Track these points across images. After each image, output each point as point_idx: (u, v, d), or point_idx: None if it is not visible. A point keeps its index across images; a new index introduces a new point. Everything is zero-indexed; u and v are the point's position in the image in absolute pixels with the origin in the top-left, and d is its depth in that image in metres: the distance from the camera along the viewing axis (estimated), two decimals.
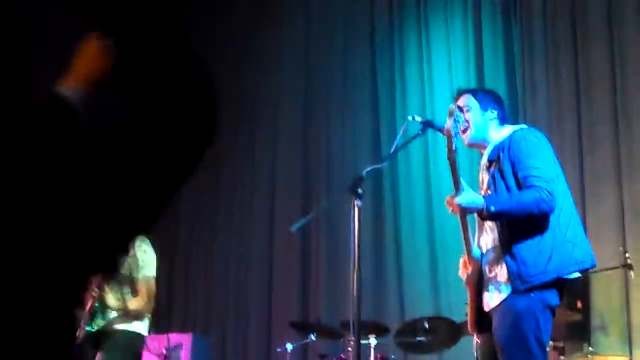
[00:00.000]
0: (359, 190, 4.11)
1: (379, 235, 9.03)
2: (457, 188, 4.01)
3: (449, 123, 3.94)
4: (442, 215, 8.31)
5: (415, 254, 8.78)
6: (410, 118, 4.32)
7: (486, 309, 4.15)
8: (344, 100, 9.70)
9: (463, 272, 4.26)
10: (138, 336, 5.56)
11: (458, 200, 3.99)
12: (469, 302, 4.25)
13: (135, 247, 5.58)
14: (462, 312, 7.11)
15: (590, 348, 6.74)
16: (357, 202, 4.10)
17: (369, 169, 4.27)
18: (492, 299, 4.10)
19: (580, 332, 7.08)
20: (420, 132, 4.35)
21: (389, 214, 9.07)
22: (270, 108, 10.23)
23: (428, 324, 6.98)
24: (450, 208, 4.06)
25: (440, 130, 4.21)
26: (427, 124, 4.31)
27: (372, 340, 6.82)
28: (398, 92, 9.30)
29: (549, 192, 3.95)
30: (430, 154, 8.75)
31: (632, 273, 6.71)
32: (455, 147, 3.96)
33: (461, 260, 4.26)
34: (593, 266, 4.13)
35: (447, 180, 4.10)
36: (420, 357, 7.82)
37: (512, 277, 3.98)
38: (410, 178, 8.96)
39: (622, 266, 6.69)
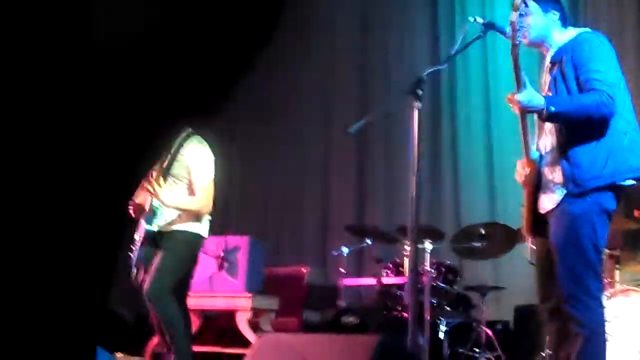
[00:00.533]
0: (419, 92, 4.07)
1: (436, 140, 9.00)
2: (519, 85, 3.95)
3: (513, 16, 3.87)
4: (500, 120, 8.26)
5: (471, 159, 8.75)
6: (471, 19, 4.24)
7: (542, 211, 4.14)
8: (403, 5, 9.58)
9: (520, 173, 4.23)
10: (196, 236, 5.61)
11: (518, 97, 3.93)
12: (525, 204, 4.23)
13: (192, 148, 5.61)
14: (519, 219, 7.12)
15: None
16: (417, 104, 4.06)
17: (429, 70, 4.21)
18: (548, 202, 4.09)
19: (636, 241, 7.03)
20: (481, 34, 4.26)
21: (446, 118, 9.02)
22: (328, 9, 10.13)
23: (484, 230, 6.99)
24: (511, 105, 4.00)
25: (502, 32, 4.14)
26: (489, 26, 4.23)
27: (428, 246, 6.85)
28: None
29: (609, 96, 3.90)
30: (489, 58, 8.64)
31: None
32: (519, 42, 3.89)
33: (518, 162, 4.23)
34: None
35: (506, 84, 4.05)
36: (476, 262, 7.85)
37: (566, 180, 3.97)
38: (469, 83, 8.88)
39: None
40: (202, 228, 5.63)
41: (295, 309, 7.97)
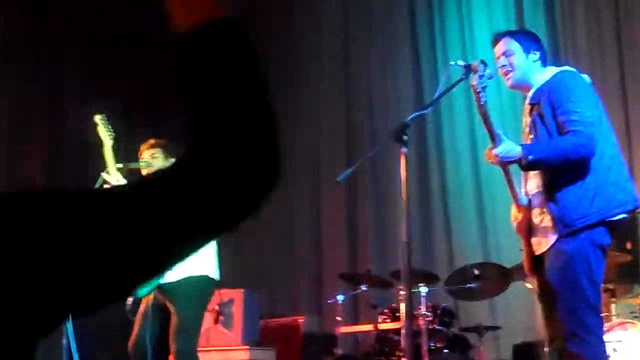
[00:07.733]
0: (404, 137, 4.12)
1: (425, 183, 9.02)
2: (493, 139, 4.02)
3: (473, 79, 3.94)
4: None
5: (461, 200, 8.77)
6: (452, 63, 4.31)
7: (536, 253, 4.17)
8: (385, 50, 9.65)
9: (514, 220, 4.28)
10: (206, 280, 5.53)
11: (495, 151, 4.00)
12: (523, 248, 4.27)
13: None
14: (512, 257, 7.12)
15: None
16: (403, 150, 4.10)
17: (413, 115, 4.27)
18: (540, 245, 4.11)
19: (630, 273, 7.03)
20: (463, 77, 4.33)
21: (434, 161, 9.06)
22: (311, 60, 10.19)
23: (478, 271, 6.99)
24: (490, 160, 4.07)
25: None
26: (470, 68, 4.30)
27: (423, 289, 6.84)
28: (438, 40, 9.25)
29: (587, 137, 3.94)
30: (473, 99, 8.69)
31: None
32: (485, 101, 3.96)
33: (513, 208, 4.29)
34: (637, 207, 4.13)
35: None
36: (471, 303, 7.83)
37: (556, 222, 4.00)
38: (454, 124, 8.93)
39: None
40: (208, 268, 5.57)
41: (293, 359, 7.93)
